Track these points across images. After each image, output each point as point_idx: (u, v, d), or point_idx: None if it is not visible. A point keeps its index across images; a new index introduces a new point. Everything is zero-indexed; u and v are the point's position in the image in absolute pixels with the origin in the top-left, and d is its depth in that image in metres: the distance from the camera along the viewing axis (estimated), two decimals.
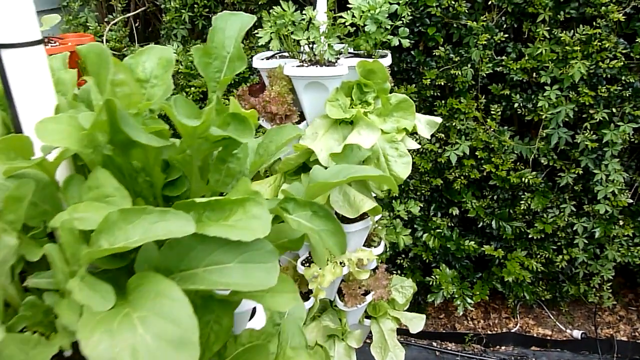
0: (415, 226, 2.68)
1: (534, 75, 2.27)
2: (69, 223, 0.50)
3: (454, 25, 2.22)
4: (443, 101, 2.39)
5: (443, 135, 2.43)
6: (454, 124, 2.37)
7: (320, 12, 1.41)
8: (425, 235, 2.65)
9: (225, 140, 0.61)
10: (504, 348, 2.92)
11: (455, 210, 2.62)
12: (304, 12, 1.39)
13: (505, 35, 2.22)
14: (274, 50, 1.34)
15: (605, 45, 2.10)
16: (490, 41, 2.22)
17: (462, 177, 2.50)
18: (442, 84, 2.32)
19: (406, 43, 1.45)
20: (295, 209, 0.62)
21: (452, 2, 2.15)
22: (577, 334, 2.82)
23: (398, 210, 2.08)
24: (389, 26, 1.40)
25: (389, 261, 2.82)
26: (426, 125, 1.51)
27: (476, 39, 2.20)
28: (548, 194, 2.47)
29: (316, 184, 0.67)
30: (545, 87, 2.24)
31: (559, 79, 2.22)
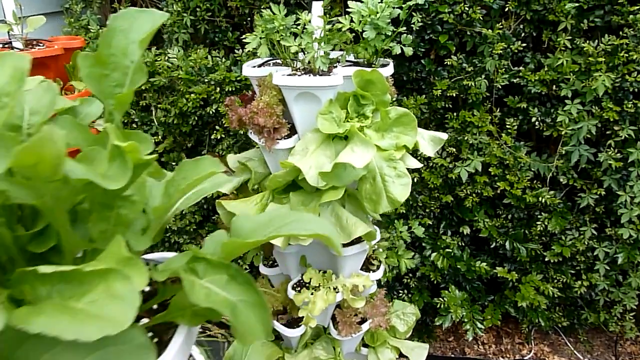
0: (423, 244, 2.53)
1: (554, 87, 2.12)
2: None
3: (468, 33, 2.08)
4: (455, 113, 2.25)
5: (454, 149, 2.28)
6: (466, 138, 2.23)
7: (315, 17, 1.29)
8: (434, 254, 2.49)
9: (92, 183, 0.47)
10: None
11: (466, 229, 2.46)
12: (299, 17, 1.27)
13: (523, 45, 2.07)
14: (261, 57, 1.23)
15: (633, 56, 1.94)
16: (506, 50, 2.07)
17: (474, 195, 2.35)
18: (454, 95, 2.18)
19: (409, 51, 1.32)
20: (206, 271, 0.49)
21: (466, 9, 2.01)
22: None
23: (400, 231, 1.94)
24: (390, 32, 1.27)
25: (395, 279, 2.68)
26: (430, 142, 1.37)
27: (491, 48, 2.05)
28: (567, 215, 2.30)
29: (232, 243, 0.52)
30: (566, 101, 2.08)
31: (581, 93, 2.06)
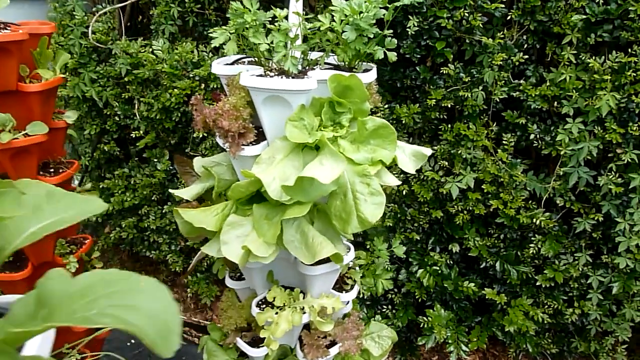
0: (410, 259, 2.42)
1: (555, 104, 2.00)
2: None
3: (467, 40, 1.96)
4: (449, 125, 2.13)
5: (447, 163, 2.16)
6: (459, 151, 2.11)
7: (291, 13, 1.17)
8: (420, 271, 2.38)
9: None
10: None
11: (455, 247, 2.34)
12: (275, 13, 1.15)
13: (525, 57, 1.95)
14: (229, 54, 1.12)
15: None
16: (507, 62, 1.95)
17: (466, 212, 2.23)
18: (450, 105, 2.06)
19: (393, 57, 1.20)
20: None
21: (466, 15, 1.89)
22: None
23: (380, 249, 1.82)
24: (372, 35, 1.15)
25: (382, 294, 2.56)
26: (411, 157, 1.25)
27: (491, 59, 1.93)
28: (562, 239, 2.17)
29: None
30: (567, 119, 1.96)
31: (584, 111, 1.94)
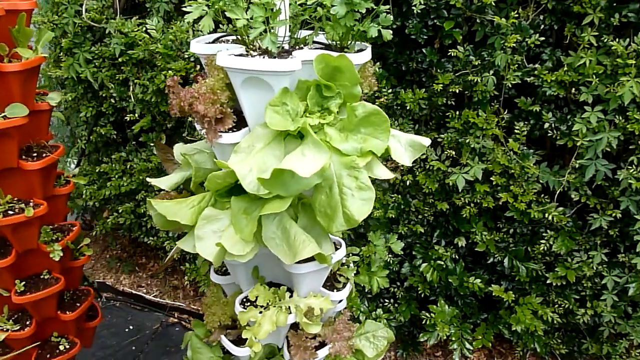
0: (413, 253, 2.31)
1: (573, 90, 1.85)
2: None
3: (478, 20, 1.82)
4: (457, 112, 2.00)
5: (454, 152, 2.03)
6: (467, 140, 1.97)
7: None
8: (424, 265, 2.27)
9: None
10: None
11: (461, 241, 2.23)
12: None
13: (542, 39, 1.80)
14: (204, 31, 1.01)
15: None
16: (521, 44, 1.81)
17: (473, 204, 2.11)
18: (458, 91, 1.93)
19: (388, 35, 1.07)
20: None
21: None
22: None
23: (376, 244, 1.70)
24: (364, 10, 1.03)
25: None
26: (407, 147, 1.14)
27: (504, 40, 1.79)
28: (575, 235, 2.04)
29: None
30: (585, 107, 1.82)
31: (604, 99, 1.79)
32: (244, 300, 1.35)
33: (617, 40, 1.72)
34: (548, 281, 2.14)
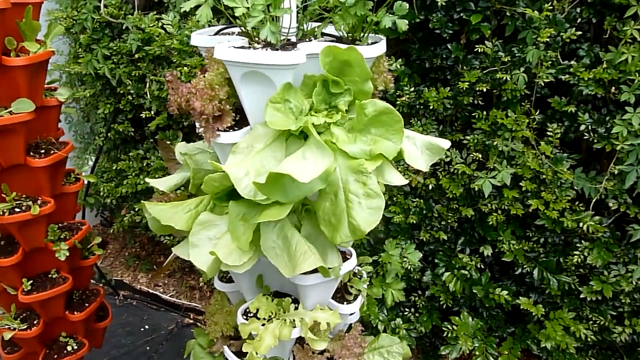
0: (436, 261, 2.18)
1: (613, 90, 1.69)
2: None
3: (508, 13, 1.69)
4: (485, 112, 1.87)
5: (480, 155, 1.90)
6: (495, 143, 1.84)
7: None
8: (447, 274, 2.14)
9: None
10: None
11: (487, 250, 2.09)
12: None
13: (578, 33, 1.66)
14: (201, 20, 0.93)
15: None
16: (555, 39, 1.67)
17: (500, 211, 1.97)
18: (485, 90, 1.80)
19: (403, 26, 0.97)
20: None
21: None
22: None
23: (391, 254, 1.59)
24: None
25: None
26: (424, 150, 1.03)
27: (536, 35, 1.65)
28: (613, 247, 1.88)
29: None
30: (627, 108, 1.66)
31: None
32: (247, 311, 1.27)
33: None
34: (582, 295, 1.99)
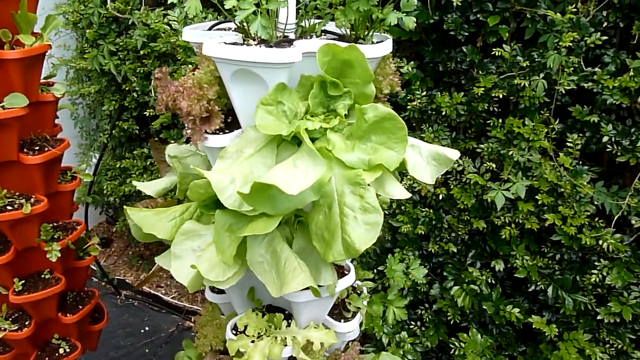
0: (444, 273, 2.09)
1: (639, 99, 1.58)
2: None
3: (528, 15, 1.58)
4: (500, 120, 1.77)
5: (494, 165, 1.80)
6: (511, 153, 1.74)
7: None
8: (455, 288, 2.04)
9: None
10: None
11: (499, 264, 1.98)
12: None
13: (604, 38, 1.55)
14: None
15: None
16: (579, 44, 1.56)
17: (514, 225, 1.87)
18: (501, 96, 1.70)
19: (410, 23, 0.88)
20: None
21: None
22: None
23: (394, 269, 1.50)
24: None
25: (410, 307, 2.25)
26: (430, 160, 0.94)
27: (558, 39, 1.55)
28: (635, 267, 1.77)
29: None
30: None
31: None
32: (237, 326, 1.19)
33: None
34: (599, 317, 1.87)
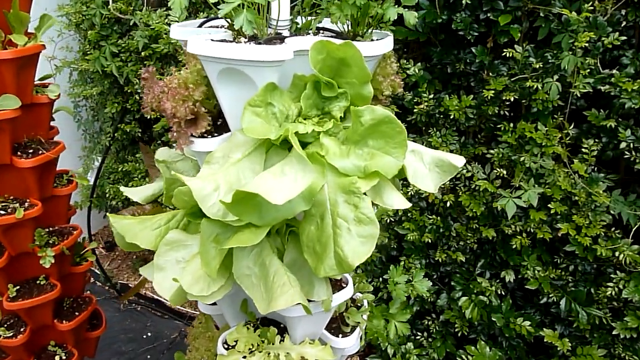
0: (452, 283, 2.01)
1: None
2: None
3: (541, 14, 1.51)
4: (512, 124, 1.69)
5: (505, 172, 1.72)
6: (522, 159, 1.66)
7: None
8: (463, 299, 1.96)
9: None
10: None
11: (509, 275, 1.90)
12: None
13: (622, 38, 1.47)
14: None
15: None
16: (595, 44, 1.48)
17: (525, 234, 1.78)
18: (513, 99, 1.62)
19: (411, 19, 0.81)
20: None
21: None
22: None
23: (396, 282, 1.42)
24: None
25: (416, 317, 2.17)
26: (433, 167, 0.87)
27: (573, 39, 1.47)
28: None
29: None
30: None
31: None
32: (227, 341, 1.13)
33: None
34: (614, 332, 1.78)
